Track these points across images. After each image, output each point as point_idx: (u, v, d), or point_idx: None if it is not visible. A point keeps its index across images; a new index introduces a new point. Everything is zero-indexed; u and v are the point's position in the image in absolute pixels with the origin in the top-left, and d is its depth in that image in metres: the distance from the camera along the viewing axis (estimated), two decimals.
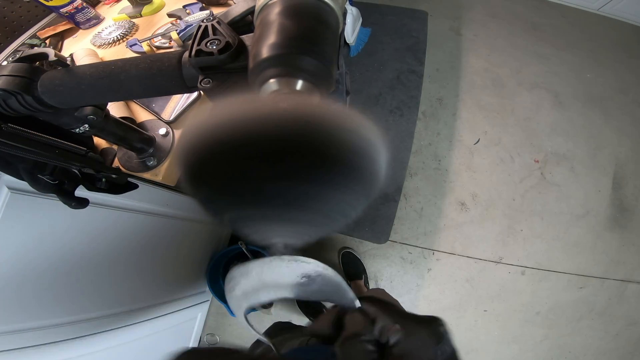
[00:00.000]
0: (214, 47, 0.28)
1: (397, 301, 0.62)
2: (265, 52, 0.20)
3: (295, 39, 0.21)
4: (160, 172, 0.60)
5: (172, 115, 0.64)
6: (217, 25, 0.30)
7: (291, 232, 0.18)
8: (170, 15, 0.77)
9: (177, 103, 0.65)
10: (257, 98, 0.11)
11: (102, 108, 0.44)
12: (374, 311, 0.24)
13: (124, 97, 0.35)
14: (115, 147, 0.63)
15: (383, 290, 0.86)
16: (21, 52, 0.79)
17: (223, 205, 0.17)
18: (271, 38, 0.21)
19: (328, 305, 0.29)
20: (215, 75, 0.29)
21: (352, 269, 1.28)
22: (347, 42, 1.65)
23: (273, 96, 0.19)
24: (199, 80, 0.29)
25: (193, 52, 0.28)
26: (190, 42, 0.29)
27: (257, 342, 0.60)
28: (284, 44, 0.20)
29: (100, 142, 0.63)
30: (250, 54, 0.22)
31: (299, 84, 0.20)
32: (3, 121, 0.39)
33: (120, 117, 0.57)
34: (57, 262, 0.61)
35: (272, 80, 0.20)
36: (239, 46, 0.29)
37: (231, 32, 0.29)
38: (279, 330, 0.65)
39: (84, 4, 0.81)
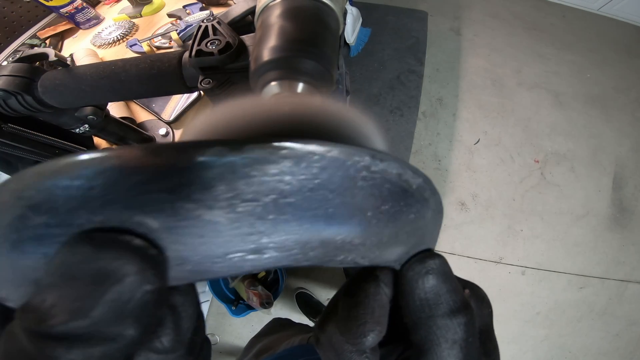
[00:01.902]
0: (214, 47, 0.28)
1: None
2: (266, 55, 0.21)
3: (296, 41, 0.21)
4: None
5: (172, 115, 0.64)
6: (217, 26, 0.30)
7: None
8: (170, 15, 0.77)
9: (177, 103, 0.65)
10: (258, 101, 0.11)
11: (102, 108, 0.44)
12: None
13: (124, 97, 0.35)
14: (115, 147, 0.63)
15: None
16: (21, 52, 0.79)
17: None
18: (272, 41, 0.21)
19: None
20: (215, 75, 0.29)
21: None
22: (347, 42, 1.65)
23: (275, 99, 0.19)
24: (199, 80, 0.29)
25: (193, 52, 0.28)
26: (191, 42, 0.29)
27: (255, 339, 0.60)
28: (285, 47, 0.20)
29: (100, 142, 0.63)
30: (251, 57, 0.22)
31: (300, 86, 0.20)
32: (3, 121, 0.39)
33: (120, 117, 0.57)
34: None
35: (273, 83, 0.20)
36: (239, 46, 0.29)
37: (231, 32, 0.29)
38: (278, 326, 0.65)
39: (84, 4, 0.81)
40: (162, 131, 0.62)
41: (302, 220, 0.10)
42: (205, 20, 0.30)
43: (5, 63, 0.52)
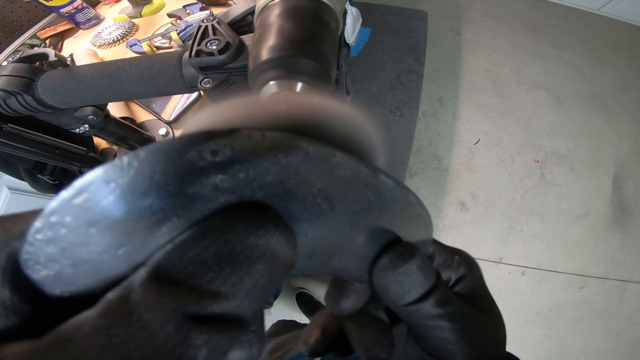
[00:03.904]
0: (214, 47, 0.28)
1: None
2: (265, 54, 0.20)
3: (295, 41, 0.21)
4: None
5: (172, 115, 0.64)
6: (217, 26, 0.30)
7: None
8: (170, 15, 0.77)
9: (177, 103, 0.65)
10: (257, 100, 0.11)
11: (102, 108, 0.44)
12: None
13: (124, 97, 0.35)
14: (115, 147, 0.63)
15: None
16: (21, 52, 0.79)
17: None
18: (271, 40, 0.21)
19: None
20: (215, 75, 0.29)
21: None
22: (347, 42, 1.64)
23: (273, 98, 0.19)
24: (199, 80, 0.29)
25: (193, 52, 0.28)
26: (191, 42, 0.29)
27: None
28: (284, 46, 0.20)
29: (100, 142, 0.63)
30: (250, 56, 0.22)
31: (299, 86, 0.20)
32: (3, 121, 0.39)
33: (120, 117, 0.57)
34: None
35: (271, 83, 0.20)
36: (239, 46, 0.29)
37: (231, 32, 0.29)
38: (284, 328, 0.65)
39: (84, 4, 0.81)
40: (162, 131, 0.62)
41: (359, 229, 0.10)
42: (205, 20, 0.30)
43: (5, 63, 0.52)
